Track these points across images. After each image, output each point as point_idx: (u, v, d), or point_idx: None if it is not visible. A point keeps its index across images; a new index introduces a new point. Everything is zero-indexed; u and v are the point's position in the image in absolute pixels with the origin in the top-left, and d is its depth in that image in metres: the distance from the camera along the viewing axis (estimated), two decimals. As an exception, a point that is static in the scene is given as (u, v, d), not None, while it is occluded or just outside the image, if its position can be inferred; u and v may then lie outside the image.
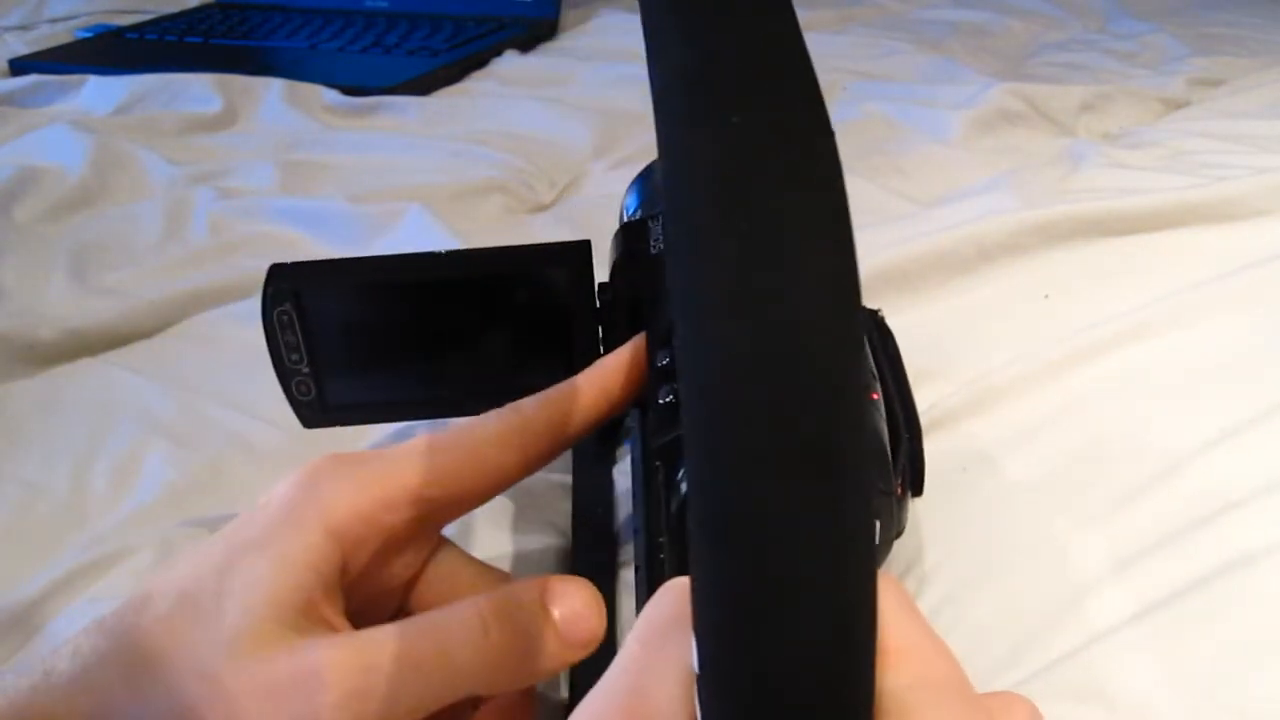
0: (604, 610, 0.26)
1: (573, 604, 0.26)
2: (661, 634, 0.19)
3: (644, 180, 0.43)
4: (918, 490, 0.32)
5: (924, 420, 0.43)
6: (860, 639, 0.15)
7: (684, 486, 0.27)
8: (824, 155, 0.15)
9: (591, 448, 0.44)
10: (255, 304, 0.37)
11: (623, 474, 0.43)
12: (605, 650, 0.25)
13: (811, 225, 0.15)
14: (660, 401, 0.31)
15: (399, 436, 0.45)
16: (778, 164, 0.15)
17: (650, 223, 0.39)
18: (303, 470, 0.27)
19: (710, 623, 0.16)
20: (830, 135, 0.15)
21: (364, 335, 0.37)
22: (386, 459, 0.28)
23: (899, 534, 0.32)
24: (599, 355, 0.38)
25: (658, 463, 0.30)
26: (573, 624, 0.26)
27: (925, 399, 0.46)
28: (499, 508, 0.41)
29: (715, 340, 0.15)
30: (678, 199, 0.15)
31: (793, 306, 0.14)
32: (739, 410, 0.14)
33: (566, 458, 0.44)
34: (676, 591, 0.20)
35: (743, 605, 0.15)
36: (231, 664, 0.23)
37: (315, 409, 0.38)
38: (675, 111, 0.16)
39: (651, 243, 0.38)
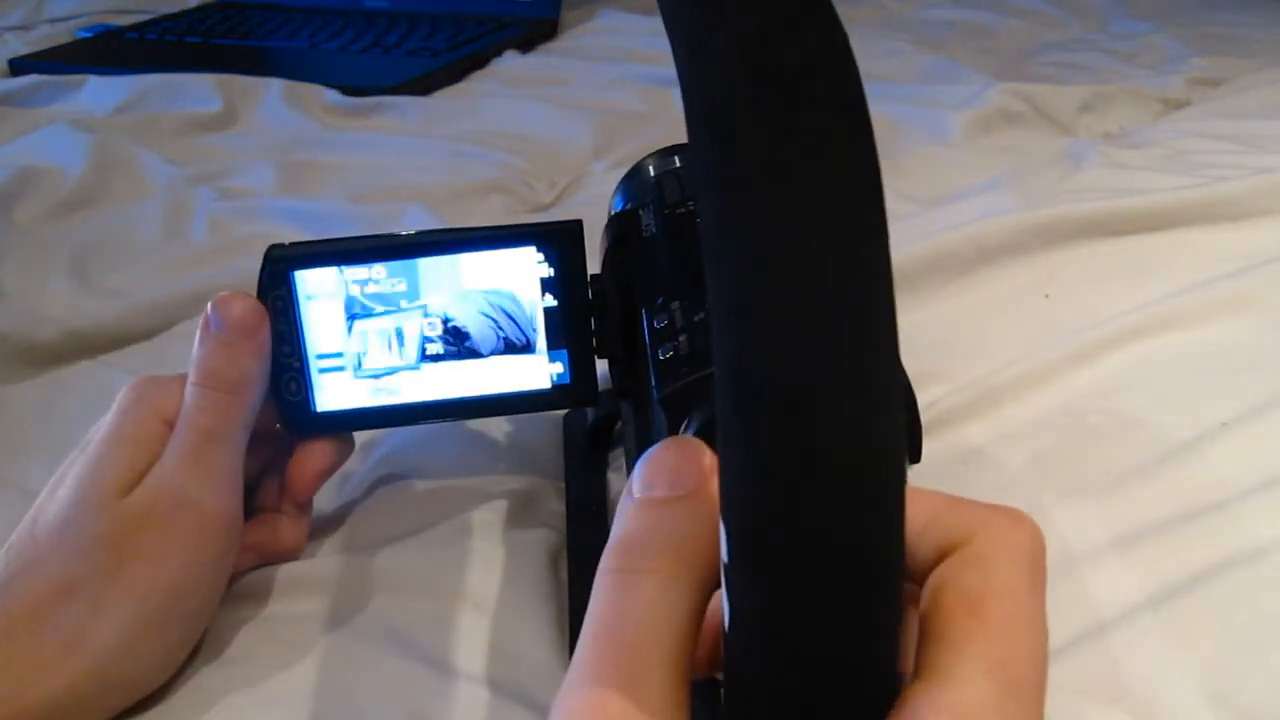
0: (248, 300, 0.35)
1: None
2: (615, 579, 0.20)
3: (630, 180, 0.43)
4: (915, 457, 0.33)
5: (925, 419, 0.43)
6: (889, 495, 0.16)
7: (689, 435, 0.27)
8: (837, 42, 0.15)
9: (585, 452, 0.44)
10: (254, 303, 0.37)
11: (615, 471, 0.43)
12: None
13: (831, 107, 0.15)
14: (661, 358, 0.31)
15: (391, 443, 0.45)
16: (797, 49, 0.15)
17: (641, 211, 0.39)
18: (124, 392, 0.35)
19: (739, 498, 0.16)
20: (841, 31, 0.15)
21: (356, 324, 0.37)
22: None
23: None
24: (591, 348, 0.38)
25: (662, 414, 0.30)
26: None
27: (927, 398, 0.46)
28: (494, 508, 0.41)
29: (742, 213, 0.15)
30: (697, 83, 0.15)
31: (818, 183, 0.15)
32: (763, 280, 0.15)
33: (559, 460, 0.44)
34: (609, 553, 0.20)
35: (777, 470, 0.15)
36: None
37: (303, 411, 0.37)
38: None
39: (643, 229, 0.38)
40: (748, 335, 0.15)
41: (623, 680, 0.18)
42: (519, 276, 0.37)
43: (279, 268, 0.36)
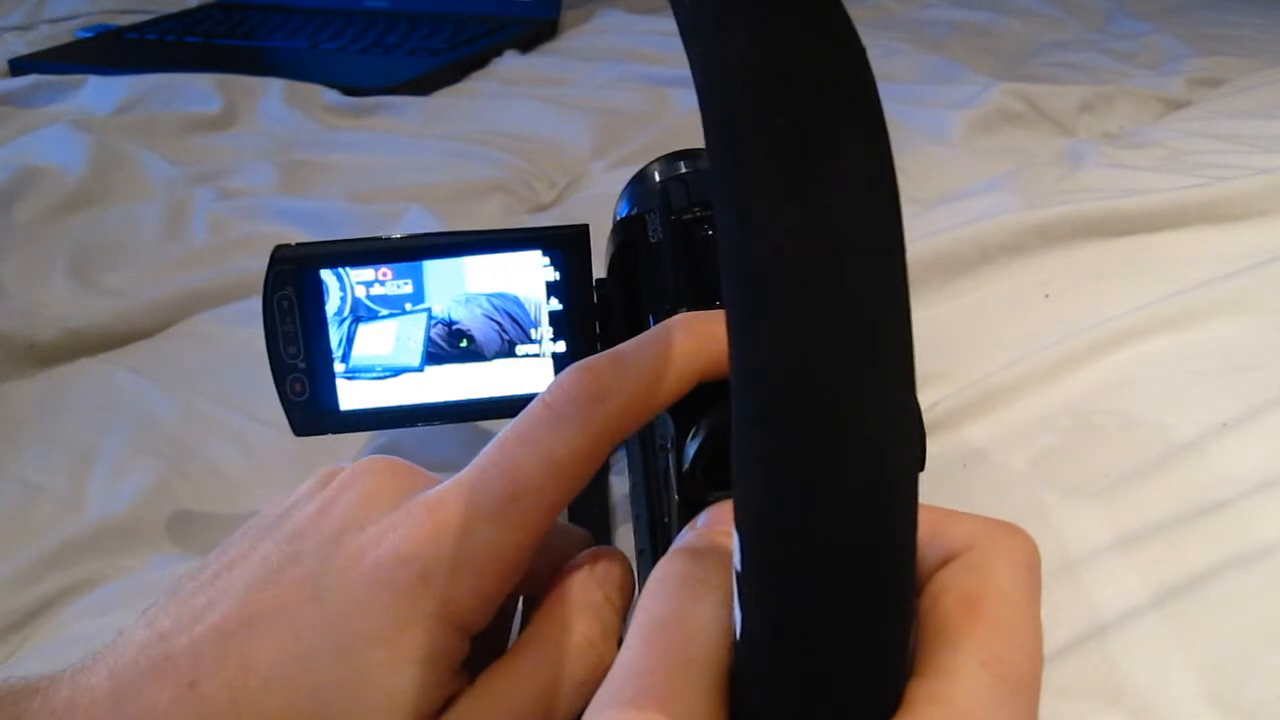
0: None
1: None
2: (680, 584, 0.19)
3: (635, 186, 0.43)
4: (920, 463, 0.33)
5: (926, 420, 0.43)
6: (903, 510, 0.16)
7: (693, 448, 0.27)
8: (856, 57, 0.15)
9: None
10: (255, 304, 0.37)
11: (617, 474, 0.43)
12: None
13: (849, 120, 0.15)
14: None
15: (393, 443, 0.45)
16: (815, 62, 0.15)
17: (647, 216, 0.39)
18: (406, 549, 0.22)
19: (754, 505, 0.16)
20: (859, 45, 0.15)
21: (360, 326, 0.37)
22: (492, 524, 0.23)
23: None
24: (597, 351, 0.38)
25: (670, 420, 0.30)
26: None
27: (926, 399, 0.46)
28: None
29: (762, 227, 0.15)
30: (717, 98, 0.15)
31: (835, 195, 0.15)
32: (782, 289, 0.15)
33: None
34: (681, 555, 0.20)
35: (790, 480, 0.15)
36: None
37: (308, 411, 0.37)
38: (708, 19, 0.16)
39: (649, 233, 0.38)
40: (764, 346, 0.15)
41: (675, 694, 0.18)
42: (524, 280, 0.37)
43: (285, 268, 0.36)
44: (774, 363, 0.15)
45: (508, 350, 0.38)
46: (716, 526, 0.21)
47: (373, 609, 0.22)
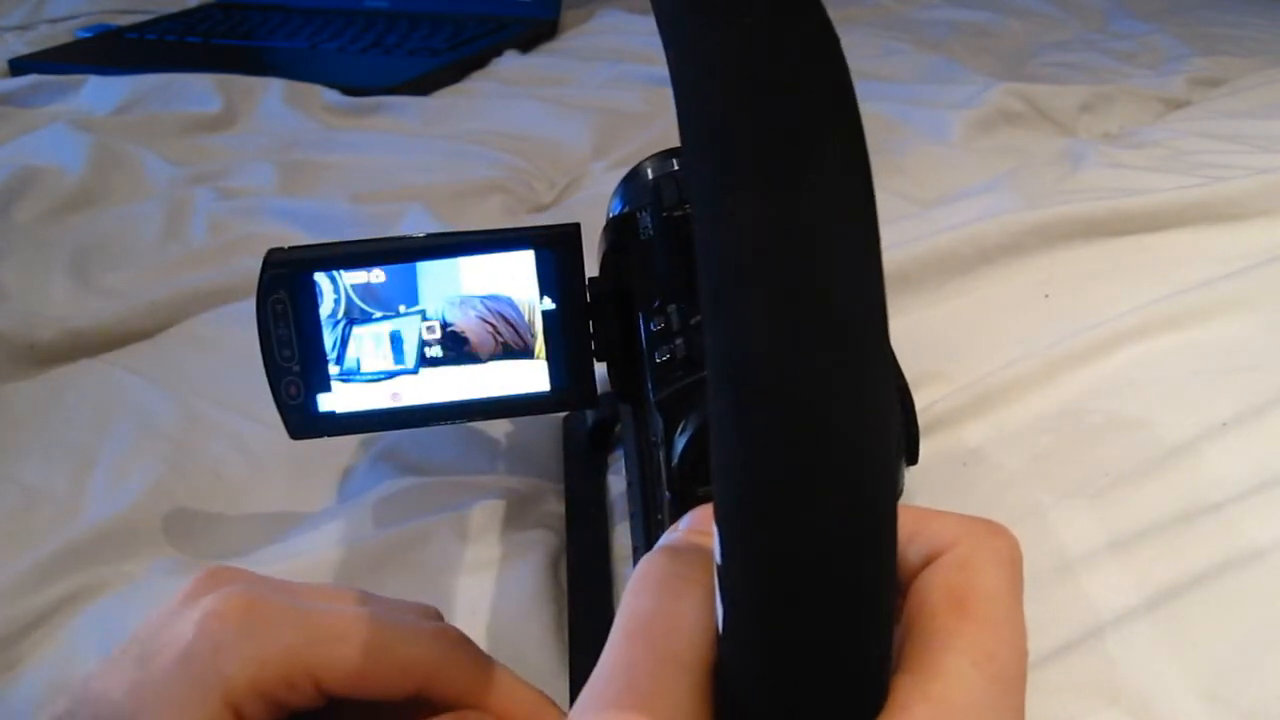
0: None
1: None
2: (661, 582, 0.19)
3: (628, 183, 0.43)
4: (913, 458, 0.33)
5: (924, 419, 0.43)
6: (881, 501, 0.16)
7: (681, 443, 0.27)
8: (830, 51, 0.15)
9: (585, 454, 0.44)
10: (254, 305, 0.37)
11: (615, 474, 0.43)
12: (603, 625, 0.26)
13: (823, 110, 0.15)
14: (657, 360, 0.31)
15: (390, 444, 0.45)
16: (789, 57, 0.15)
17: (639, 214, 0.39)
18: (208, 617, 0.26)
19: (733, 498, 0.16)
20: (834, 39, 0.15)
21: (354, 329, 0.37)
22: (303, 630, 0.26)
23: (898, 495, 0.32)
24: (590, 351, 0.38)
25: (658, 417, 0.30)
26: None
27: (926, 398, 0.46)
28: (491, 509, 0.41)
29: (735, 213, 0.15)
30: (693, 90, 0.15)
31: (810, 185, 0.15)
32: (757, 281, 0.15)
33: (559, 462, 0.44)
34: (662, 553, 0.20)
35: (766, 472, 0.15)
36: None
37: (304, 414, 0.37)
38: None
39: (640, 231, 0.38)
40: (737, 336, 0.15)
41: (659, 692, 0.18)
42: (517, 280, 0.37)
43: (278, 272, 0.36)
44: (745, 354, 0.15)
45: (502, 351, 0.38)
46: (698, 527, 0.21)
47: (172, 685, 0.26)
